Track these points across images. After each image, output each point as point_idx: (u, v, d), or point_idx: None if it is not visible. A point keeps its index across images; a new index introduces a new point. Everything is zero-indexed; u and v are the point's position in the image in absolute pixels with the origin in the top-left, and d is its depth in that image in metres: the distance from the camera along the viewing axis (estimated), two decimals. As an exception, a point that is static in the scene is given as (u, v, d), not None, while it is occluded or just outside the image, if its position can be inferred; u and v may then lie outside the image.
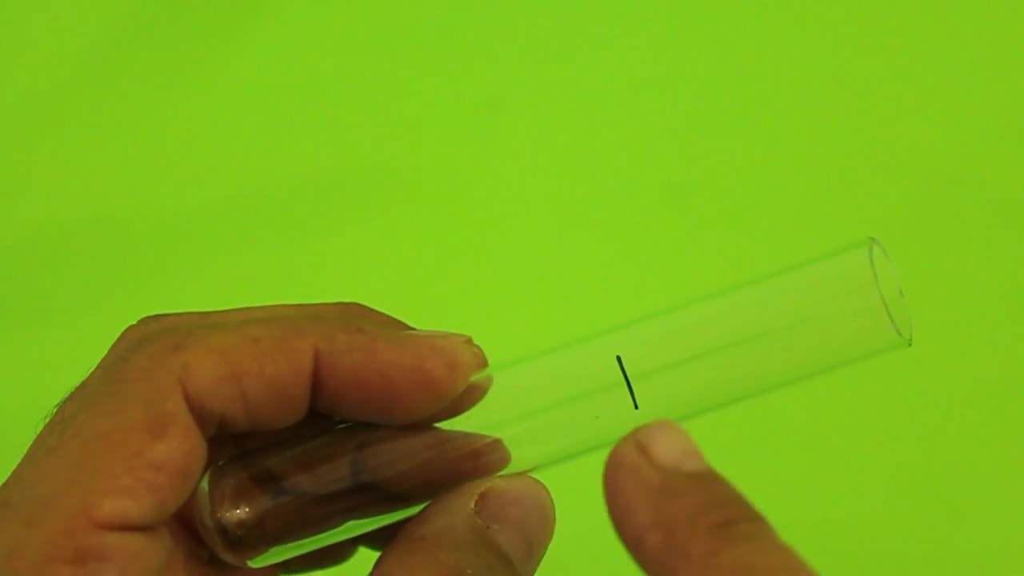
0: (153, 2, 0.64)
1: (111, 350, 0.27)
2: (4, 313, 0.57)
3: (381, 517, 0.27)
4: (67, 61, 0.62)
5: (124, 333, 0.27)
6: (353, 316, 0.28)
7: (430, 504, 0.26)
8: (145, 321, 0.28)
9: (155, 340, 0.26)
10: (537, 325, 0.54)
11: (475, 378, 0.27)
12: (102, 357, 0.27)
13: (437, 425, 0.27)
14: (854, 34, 0.61)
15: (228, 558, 0.26)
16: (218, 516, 0.26)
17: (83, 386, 0.26)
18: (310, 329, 0.26)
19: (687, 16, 0.62)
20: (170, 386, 0.25)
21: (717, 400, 0.26)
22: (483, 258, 0.58)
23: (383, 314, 0.29)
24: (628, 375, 0.26)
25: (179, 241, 0.58)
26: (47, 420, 0.26)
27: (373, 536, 0.28)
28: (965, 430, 0.53)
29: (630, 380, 0.26)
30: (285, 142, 0.60)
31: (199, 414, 0.25)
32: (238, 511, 0.26)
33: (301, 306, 0.28)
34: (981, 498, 0.52)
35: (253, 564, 0.27)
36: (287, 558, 0.27)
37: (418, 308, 0.32)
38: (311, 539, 0.27)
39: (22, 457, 0.25)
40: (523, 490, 0.26)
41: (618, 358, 0.26)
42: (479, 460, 0.27)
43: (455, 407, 0.27)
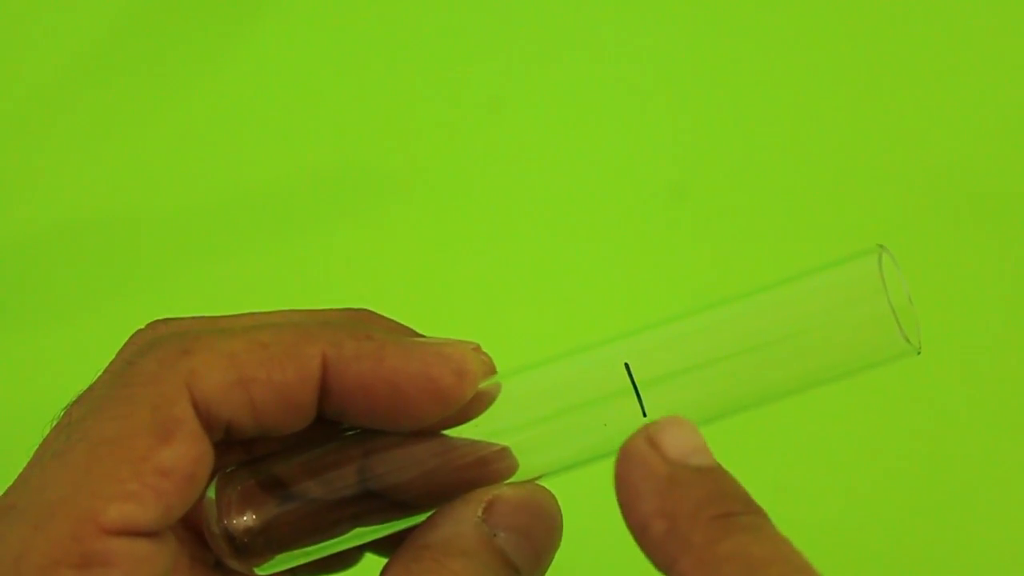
0: (153, 2, 0.63)
1: (119, 354, 0.27)
2: (4, 313, 0.57)
3: (388, 524, 0.27)
4: (67, 61, 0.62)
5: (132, 337, 0.27)
6: (361, 322, 0.28)
7: (437, 511, 0.26)
8: (153, 325, 0.28)
9: (163, 345, 0.26)
10: (541, 328, 0.54)
11: (483, 386, 0.27)
12: (110, 361, 0.27)
13: (445, 432, 0.27)
14: (857, 38, 0.61)
15: (235, 565, 0.26)
16: (225, 523, 0.26)
17: (90, 390, 0.26)
18: (318, 335, 0.26)
19: (688, 17, 0.62)
20: (177, 391, 0.25)
21: (725, 408, 0.26)
22: (483, 258, 0.57)
23: (392, 320, 0.29)
24: (636, 382, 0.26)
25: (180, 241, 0.58)
26: (54, 423, 0.26)
27: (380, 542, 0.28)
28: (972, 436, 0.53)
29: (638, 387, 0.26)
30: (286, 142, 0.60)
31: (206, 419, 0.25)
32: (245, 518, 0.26)
33: (309, 312, 0.28)
34: (990, 504, 0.52)
35: (260, 571, 0.27)
36: (293, 565, 0.27)
37: (419, 309, 0.32)
38: (318, 546, 0.27)
39: (28, 460, 0.25)
40: (530, 498, 0.26)
41: (626, 365, 0.26)
42: (487, 468, 0.27)
43: (463, 414, 0.27)
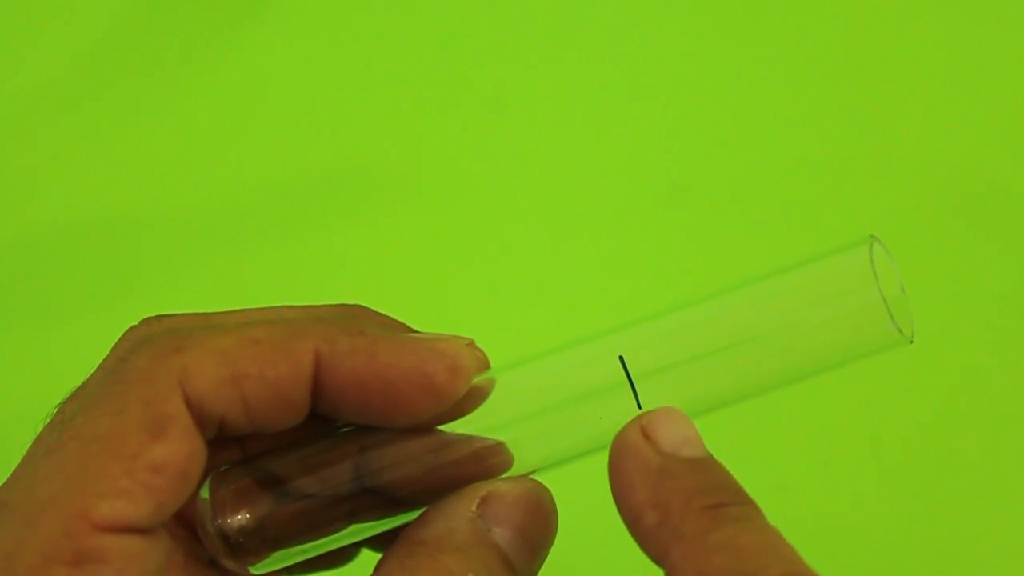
0: (153, 2, 0.63)
1: (112, 351, 0.27)
2: (4, 313, 0.57)
3: (383, 521, 0.27)
4: (68, 62, 0.62)
5: (125, 334, 0.27)
6: (354, 318, 0.28)
7: (431, 507, 0.26)
8: (146, 322, 0.28)
9: (155, 341, 0.25)
10: (538, 324, 0.54)
11: (477, 381, 0.26)
12: (103, 358, 0.27)
13: (440, 428, 0.27)
14: (854, 35, 0.61)
15: (230, 564, 0.26)
16: (219, 522, 0.26)
17: (83, 387, 0.26)
18: (311, 331, 0.26)
19: (688, 17, 0.62)
20: (170, 388, 0.25)
21: (720, 399, 0.26)
22: (483, 258, 0.57)
23: (385, 316, 0.29)
24: (631, 375, 0.26)
25: (180, 241, 0.58)
26: (47, 421, 0.26)
27: (375, 539, 0.28)
28: (966, 427, 0.53)
29: (633, 380, 0.26)
30: (286, 142, 0.60)
31: (199, 416, 0.25)
32: (239, 517, 0.26)
33: (302, 308, 0.28)
34: (981, 496, 0.52)
35: (255, 570, 0.27)
36: (289, 563, 0.27)
37: (419, 308, 0.32)
38: (313, 544, 0.27)
39: (22, 458, 0.25)
40: (525, 493, 0.26)
41: (621, 358, 0.26)
42: (482, 463, 0.27)
43: (457, 410, 0.26)
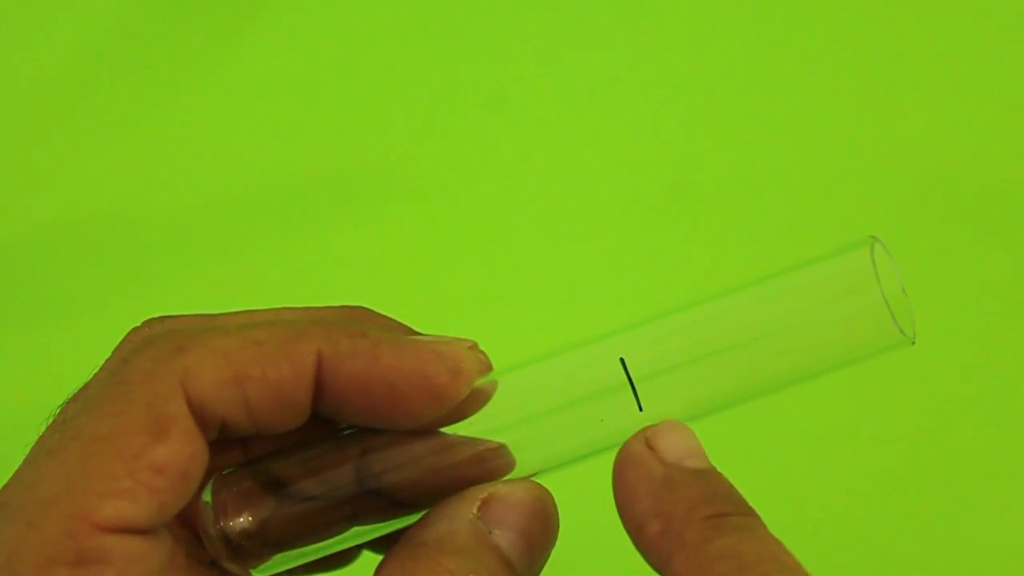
0: (153, 3, 0.63)
1: (114, 352, 0.27)
2: (4, 313, 0.57)
3: (385, 523, 0.27)
4: (68, 61, 0.62)
5: (128, 335, 0.27)
6: (357, 320, 0.28)
7: (433, 509, 0.26)
8: (149, 323, 0.28)
9: (157, 343, 0.25)
10: (538, 325, 0.54)
11: (479, 383, 0.26)
12: (105, 359, 0.27)
13: (441, 430, 0.27)
14: (853, 35, 0.61)
15: (232, 567, 0.26)
16: (221, 525, 0.26)
17: (85, 388, 0.26)
18: (313, 333, 0.26)
19: (687, 17, 0.62)
20: (172, 389, 0.25)
21: (721, 401, 0.26)
22: (484, 258, 0.57)
23: (387, 318, 0.29)
24: (632, 377, 0.26)
25: (180, 240, 0.58)
26: (49, 421, 0.26)
27: (377, 540, 0.28)
28: (967, 427, 0.53)
29: (634, 382, 0.26)
30: (286, 142, 0.60)
31: (200, 417, 0.25)
32: (241, 520, 0.26)
33: (305, 309, 0.28)
34: (981, 496, 0.52)
35: (257, 573, 0.27)
36: (291, 566, 0.27)
37: (420, 309, 0.32)
38: (315, 546, 0.27)
39: (24, 458, 0.25)
40: (526, 495, 0.26)
41: (622, 360, 0.26)
42: (484, 465, 0.27)
43: (459, 412, 0.26)
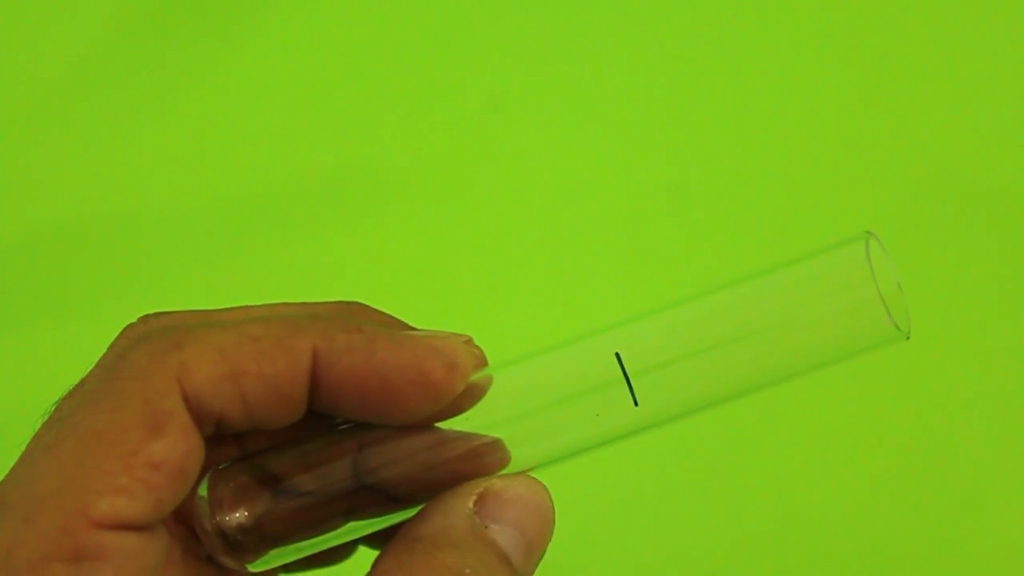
0: (153, 2, 0.64)
1: (110, 348, 0.27)
2: (3, 312, 0.57)
3: (381, 518, 0.27)
4: (68, 61, 0.62)
5: (123, 331, 0.27)
6: (353, 315, 0.28)
7: (429, 504, 0.26)
8: (144, 319, 0.28)
9: (154, 338, 0.25)
10: (538, 326, 0.54)
11: (475, 378, 0.26)
12: (101, 355, 0.27)
13: (437, 425, 0.27)
14: (853, 35, 0.61)
15: (228, 562, 0.26)
16: (217, 520, 0.26)
17: (81, 384, 0.26)
18: (309, 328, 0.26)
19: (687, 17, 0.62)
20: (168, 385, 0.25)
21: (716, 396, 0.26)
22: (483, 257, 0.58)
23: (383, 313, 0.29)
24: (627, 372, 0.26)
25: (179, 240, 0.58)
26: (45, 418, 0.26)
27: (373, 535, 0.28)
28: (962, 423, 0.53)
29: (629, 377, 0.26)
30: (286, 142, 0.60)
31: (197, 413, 0.25)
32: (237, 515, 0.26)
33: (301, 305, 0.28)
34: (978, 492, 0.52)
35: (253, 568, 0.27)
36: (287, 561, 0.27)
37: (419, 307, 0.32)
38: (311, 541, 0.27)
39: (20, 455, 0.25)
40: (522, 490, 0.26)
41: (617, 355, 0.26)
42: (479, 460, 0.27)
43: (455, 407, 0.26)
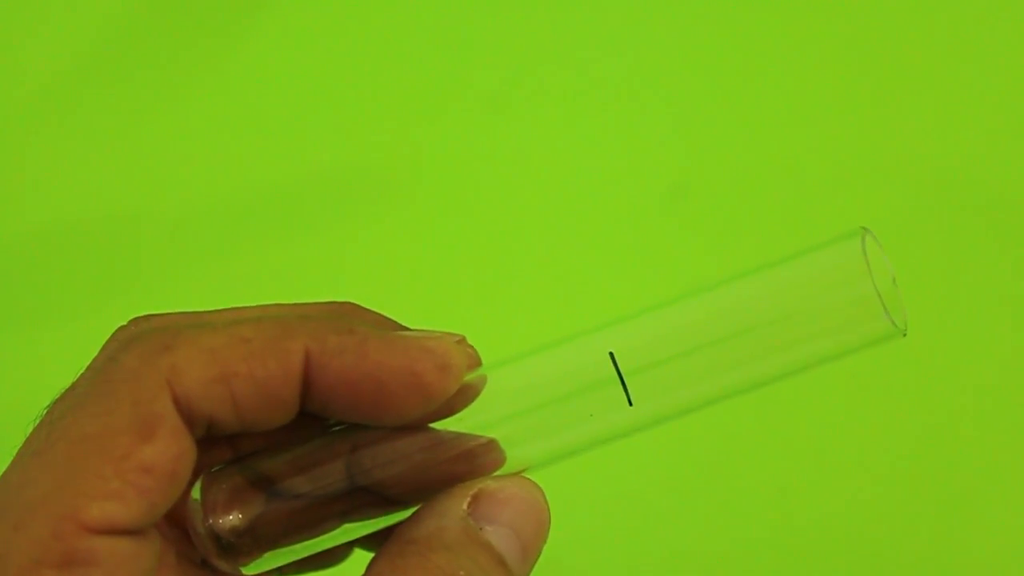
0: (154, 2, 0.63)
1: (101, 350, 0.27)
2: (4, 313, 0.57)
3: (376, 520, 0.27)
4: (68, 61, 0.62)
5: (114, 334, 0.27)
6: (345, 316, 0.28)
7: (423, 506, 0.26)
8: (135, 321, 0.27)
9: (144, 340, 0.25)
10: (535, 324, 0.54)
11: (468, 378, 0.26)
12: (92, 358, 0.27)
13: (431, 426, 0.27)
14: (854, 35, 0.61)
15: (221, 565, 0.26)
16: (210, 523, 0.26)
17: (72, 387, 0.26)
18: (300, 330, 0.26)
19: (687, 17, 0.62)
20: (159, 387, 0.24)
21: (711, 395, 0.26)
22: (482, 257, 0.57)
23: (375, 313, 0.28)
24: (621, 371, 0.26)
25: (179, 241, 0.58)
26: (35, 422, 0.26)
27: (368, 537, 0.28)
28: (958, 420, 0.53)
29: (623, 376, 0.26)
30: (285, 142, 0.60)
31: (188, 415, 0.25)
32: (230, 517, 0.26)
33: (292, 306, 0.28)
34: (976, 489, 0.52)
35: (247, 571, 0.27)
36: (281, 564, 0.27)
37: (415, 305, 0.32)
38: (305, 543, 0.27)
39: (11, 459, 0.25)
40: (516, 490, 0.26)
41: (611, 354, 0.26)
42: (474, 461, 0.27)
43: (448, 407, 0.26)
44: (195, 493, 0.26)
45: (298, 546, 0.27)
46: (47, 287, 0.58)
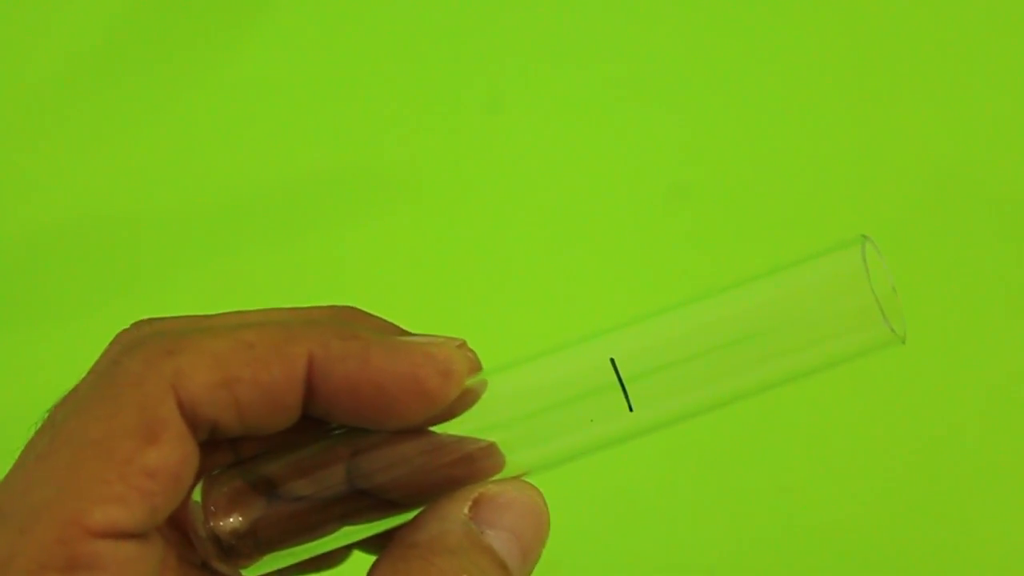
0: (154, 2, 0.63)
1: (103, 354, 0.27)
2: (4, 313, 0.57)
3: (376, 523, 0.27)
4: (68, 61, 0.62)
5: (117, 337, 0.27)
6: (347, 321, 0.28)
7: (424, 510, 0.26)
8: (138, 325, 0.27)
9: (148, 344, 0.25)
10: (535, 328, 0.54)
11: (469, 382, 0.26)
12: (95, 361, 0.27)
13: (431, 429, 0.27)
14: (854, 37, 0.61)
15: (222, 568, 0.26)
16: (211, 525, 0.26)
17: (75, 391, 0.26)
18: (304, 335, 0.26)
19: (688, 17, 0.62)
20: (163, 392, 0.25)
21: (712, 401, 0.26)
22: (482, 259, 0.57)
23: (377, 318, 0.28)
24: (622, 377, 0.26)
25: (179, 241, 0.58)
26: (38, 425, 0.26)
27: (368, 540, 0.28)
28: (958, 427, 0.53)
29: (624, 382, 0.26)
30: (286, 142, 0.60)
31: (191, 420, 0.25)
32: (231, 520, 0.26)
33: (295, 310, 0.28)
34: (976, 496, 0.52)
35: (247, 573, 0.27)
36: (281, 566, 0.27)
37: (416, 308, 0.32)
38: (306, 546, 0.27)
39: (13, 463, 0.25)
40: (517, 494, 0.26)
41: (612, 360, 0.26)
42: (474, 465, 0.27)
43: (449, 412, 0.26)
44: (196, 496, 0.26)
45: (298, 549, 0.27)
46: (47, 287, 0.58)
